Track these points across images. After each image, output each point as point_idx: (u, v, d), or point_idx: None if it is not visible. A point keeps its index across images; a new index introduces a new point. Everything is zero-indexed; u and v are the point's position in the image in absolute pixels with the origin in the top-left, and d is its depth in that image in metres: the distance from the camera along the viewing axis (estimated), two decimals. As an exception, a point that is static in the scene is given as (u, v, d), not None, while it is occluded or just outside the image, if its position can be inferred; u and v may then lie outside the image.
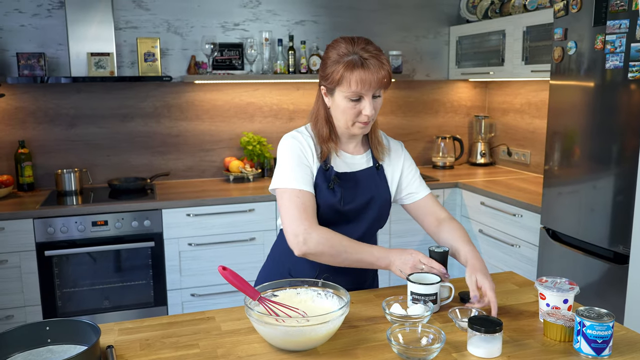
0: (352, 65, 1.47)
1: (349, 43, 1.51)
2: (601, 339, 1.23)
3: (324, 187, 1.58)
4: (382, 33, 3.88)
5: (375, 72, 1.47)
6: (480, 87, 4.20)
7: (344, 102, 1.52)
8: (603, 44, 2.32)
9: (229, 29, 3.56)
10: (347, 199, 1.60)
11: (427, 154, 4.14)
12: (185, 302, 3.10)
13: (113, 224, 2.92)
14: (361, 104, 1.52)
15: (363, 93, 1.50)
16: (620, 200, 2.32)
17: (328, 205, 1.58)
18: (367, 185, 1.64)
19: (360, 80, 1.47)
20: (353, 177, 1.63)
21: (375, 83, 1.48)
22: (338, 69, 1.49)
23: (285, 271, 1.69)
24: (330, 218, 1.59)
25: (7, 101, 3.25)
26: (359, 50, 1.49)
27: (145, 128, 3.51)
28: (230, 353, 1.28)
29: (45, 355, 1.23)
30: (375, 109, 1.53)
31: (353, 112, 1.52)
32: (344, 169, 1.63)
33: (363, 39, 1.53)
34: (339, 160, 1.63)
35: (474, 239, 3.39)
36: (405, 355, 1.23)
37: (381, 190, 1.66)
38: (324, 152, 1.60)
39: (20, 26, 3.21)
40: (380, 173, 1.68)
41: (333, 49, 1.53)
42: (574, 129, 2.55)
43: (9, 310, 2.83)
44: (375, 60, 1.48)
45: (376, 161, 1.67)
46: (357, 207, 1.62)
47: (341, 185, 1.59)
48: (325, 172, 1.59)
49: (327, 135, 1.61)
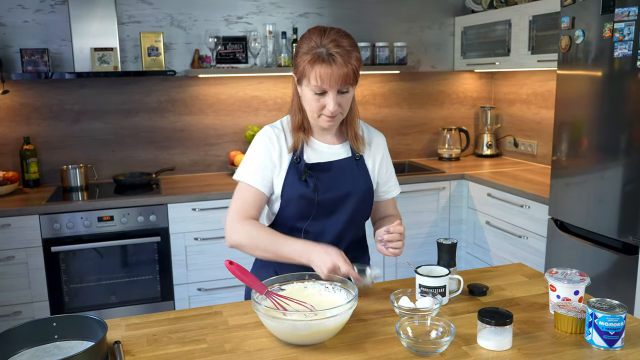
0: (317, 59, 1.44)
1: (320, 35, 1.46)
2: (613, 331, 1.21)
3: (296, 180, 1.57)
4: (387, 24, 3.85)
5: (339, 68, 1.43)
6: (486, 78, 4.16)
7: (309, 95, 1.50)
8: (611, 32, 2.29)
9: (232, 22, 3.54)
10: (321, 189, 1.57)
11: (433, 146, 4.11)
12: (192, 297, 3.10)
13: (119, 219, 2.92)
14: (325, 98, 1.48)
15: (326, 88, 1.46)
16: (629, 191, 2.29)
17: (302, 196, 1.56)
18: (344, 176, 1.61)
19: (323, 75, 1.44)
20: (328, 167, 1.60)
21: (338, 79, 1.44)
22: (304, 61, 1.46)
23: (271, 271, 1.67)
24: (307, 211, 1.57)
25: (12, 97, 3.25)
26: (328, 43, 1.44)
27: (149, 123, 3.50)
28: (237, 348, 1.27)
29: (53, 351, 1.23)
30: (341, 104, 1.50)
31: (317, 105, 1.50)
32: (318, 159, 1.60)
33: (336, 31, 1.48)
34: (311, 151, 1.60)
35: (480, 230, 3.37)
36: (414, 349, 1.22)
37: (361, 180, 1.63)
38: (295, 142, 1.58)
39: (24, 22, 3.20)
40: (360, 163, 1.64)
41: (304, 40, 1.50)
42: (582, 119, 2.52)
43: (17, 306, 2.84)
44: (342, 56, 1.43)
45: (355, 152, 1.64)
46: (335, 198, 1.59)
47: (314, 175, 1.57)
48: (296, 165, 1.57)
49: (299, 123, 1.59)
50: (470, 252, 3.51)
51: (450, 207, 3.52)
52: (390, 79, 3.94)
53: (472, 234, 3.47)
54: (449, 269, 1.52)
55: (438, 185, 3.46)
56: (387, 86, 3.93)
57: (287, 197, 1.58)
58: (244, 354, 1.24)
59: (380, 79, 3.91)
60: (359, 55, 1.50)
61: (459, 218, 3.55)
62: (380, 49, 3.70)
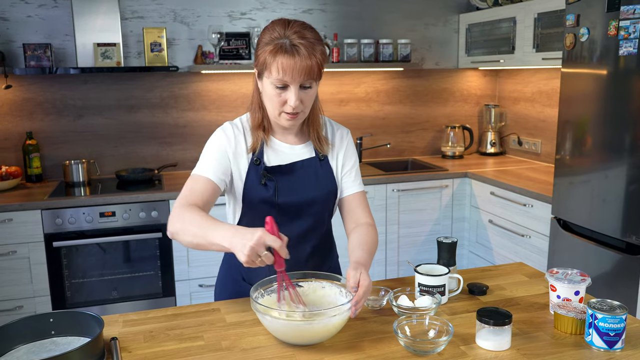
0: (279, 49, 1.36)
1: (283, 27, 1.39)
2: (613, 332, 1.20)
3: (256, 182, 1.50)
4: (391, 21, 3.83)
5: (302, 60, 1.36)
6: (490, 76, 4.14)
7: (270, 89, 1.41)
8: (616, 30, 2.27)
9: (235, 18, 3.53)
10: (283, 192, 1.50)
11: (436, 144, 4.10)
12: (193, 293, 3.10)
13: (121, 215, 2.92)
14: (286, 92, 1.41)
15: (287, 81, 1.38)
16: (633, 190, 2.27)
17: (262, 200, 1.50)
18: (307, 177, 1.54)
19: (285, 66, 1.36)
20: (290, 168, 1.53)
21: (301, 72, 1.36)
22: (265, 52, 1.38)
23: (239, 276, 1.62)
24: (269, 214, 1.38)
25: (15, 92, 3.25)
26: (292, 34, 1.37)
27: (152, 119, 3.50)
28: (234, 345, 1.27)
29: (49, 347, 1.23)
30: (303, 100, 1.42)
31: (278, 100, 1.42)
32: (278, 161, 1.53)
33: (300, 23, 1.41)
34: (271, 152, 1.53)
35: (483, 229, 3.36)
36: (412, 348, 1.21)
37: (324, 181, 1.55)
38: (254, 142, 1.51)
39: (27, 17, 3.20)
40: (324, 164, 1.57)
41: (267, 31, 1.41)
42: (586, 118, 2.50)
43: (19, 301, 2.85)
44: (306, 48, 1.36)
45: (319, 152, 1.57)
46: (297, 202, 1.52)
47: (274, 179, 1.50)
48: (256, 167, 1.50)
49: (259, 122, 1.51)
50: (472, 250, 3.49)
51: (453, 205, 3.50)
52: (393, 76, 3.92)
53: (475, 232, 3.46)
54: (449, 267, 1.51)
55: (441, 183, 3.44)
56: (390, 83, 3.92)
57: (248, 201, 1.52)
58: (241, 352, 1.24)
59: (384, 76, 3.89)
60: (324, 49, 1.42)
61: (462, 216, 3.53)
62: (384, 46, 3.68)
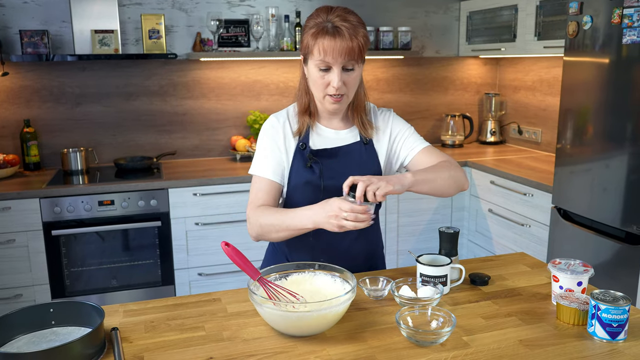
0: (321, 31, 1.42)
1: (327, 12, 1.46)
2: (616, 323, 1.20)
3: (301, 166, 1.56)
4: (392, 8, 3.79)
5: (344, 41, 1.41)
6: (491, 64, 4.11)
7: (314, 72, 1.47)
8: (620, 18, 2.24)
9: (234, 5, 3.49)
10: (327, 175, 1.55)
11: (436, 132, 4.08)
12: (193, 282, 3.10)
13: (119, 204, 2.91)
14: (329, 74, 1.46)
15: (330, 62, 1.43)
16: (634, 180, 2.26)
17: (308, 183, 1.56)
18: (351, 161, 1.58)
19: (327, 47, 1.41)
20: (335, 152, 1.58)
21: (343, 52, 1.41)
22: (308, 35, 1.45)
23: (283, 258, 1.67)
24: (314, 197, 1.52)
25: (12, 80, 3.22)
26: (334, 18, 1.43)
27: (150, 106, 3.47)
28: (236, 335, 1.26)
29: (49, 337, 1.22)
30: (346, 83, 1.47)
31: (322, 82, 1.47)
32: (323, 145, 1.58)
33: (343, 8, 1.47)
34: (316, 137, 1.59)
35: (483, 218, 3.35)
36: (414, 339, 1.21)
37: (368, 165, 1.60)
38: (300, 126, 1.58)
39: (23, 3, 3.16)
40: (369, 147, 1.62)
41: (311, 18, 1.48)
42: (588, 107, 2.48)
43: (18, 289, 2.84)
44: (348, 30, 1.41)
45: (364, 137, 1.62)
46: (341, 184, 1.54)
47: (320, 162, 1.56)
48: (302, 151, 1.57)
49: (306, 107, 1.58)
50: (472, 239, 3.49)
51: (452, 194, 3.49)
52: (394, 64, 3.89)
53: (475, 221, 3.45)
54: (451, 258, 1.51)
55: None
56: (390, 71, 3.89)
57: (293, 184, 1.57)
58: (242, 342, 1.23)
59: (384, 64, 3.86)
60: (366, 32, 1.47)
61: (462, 205, 3.53)
62: (384, 34, 3.65)
